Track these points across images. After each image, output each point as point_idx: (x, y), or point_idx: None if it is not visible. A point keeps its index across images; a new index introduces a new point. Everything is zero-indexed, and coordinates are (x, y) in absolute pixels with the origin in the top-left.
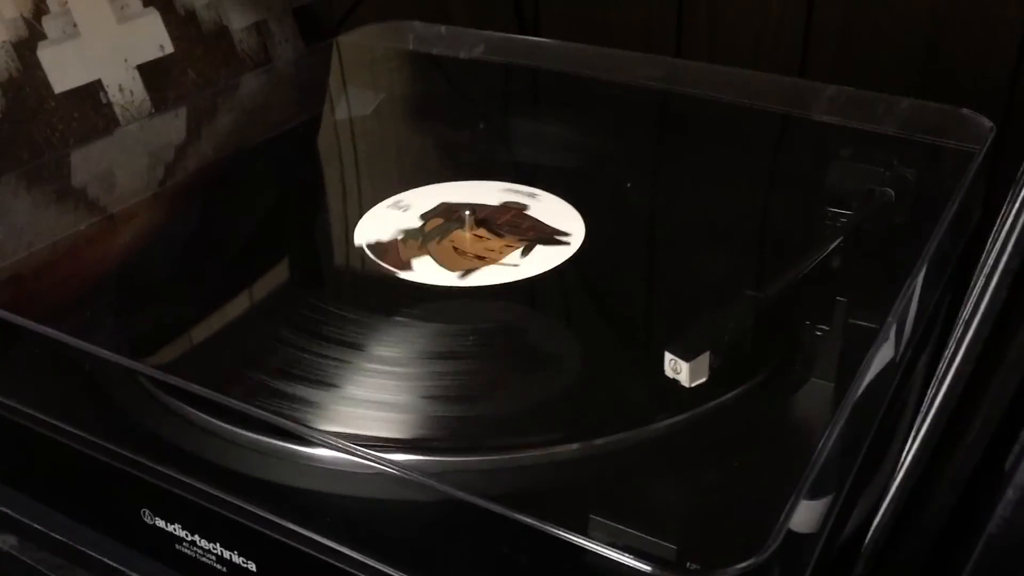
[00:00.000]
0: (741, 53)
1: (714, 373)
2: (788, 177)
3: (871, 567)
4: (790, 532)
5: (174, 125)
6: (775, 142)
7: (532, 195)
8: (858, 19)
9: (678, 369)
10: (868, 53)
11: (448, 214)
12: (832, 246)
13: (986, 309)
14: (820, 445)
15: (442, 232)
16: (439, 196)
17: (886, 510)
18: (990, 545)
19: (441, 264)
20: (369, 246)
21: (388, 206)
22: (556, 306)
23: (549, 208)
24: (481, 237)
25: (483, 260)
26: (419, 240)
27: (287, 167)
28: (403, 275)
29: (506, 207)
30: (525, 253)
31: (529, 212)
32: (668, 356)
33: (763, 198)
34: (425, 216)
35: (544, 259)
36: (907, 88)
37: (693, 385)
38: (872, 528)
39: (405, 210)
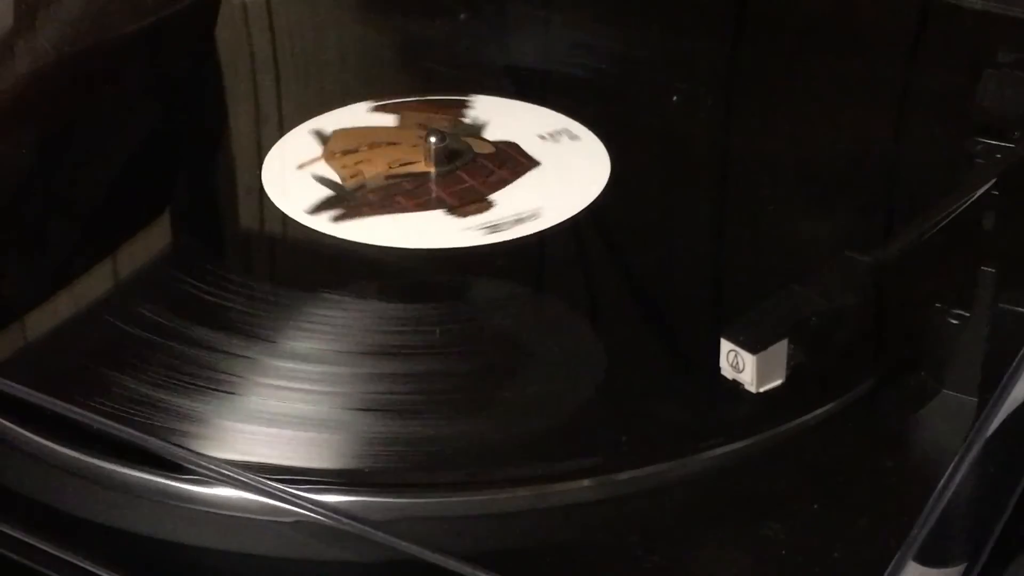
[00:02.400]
0: None
1: (794, 375)
2: (915, 92)
3: None
4: None
5: None
6: (898, 39)
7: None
8: None
9: (740, 365)
10: None
11: (402, 140)
12: (978, 193)
13: None
14: (940, 486)
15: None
16: (393, 120)
17: None
18: None
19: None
20: (282, 188)
21: (312, 130)
22: (558, 278)
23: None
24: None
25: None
26: (355, 169)
27: (167, 73)
28: (333, 230)
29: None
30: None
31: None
32: (726, 346)
33: (877, 123)
34: (369, 144)
35: (543, 214)
36: None
37: (763, 390)
38: None
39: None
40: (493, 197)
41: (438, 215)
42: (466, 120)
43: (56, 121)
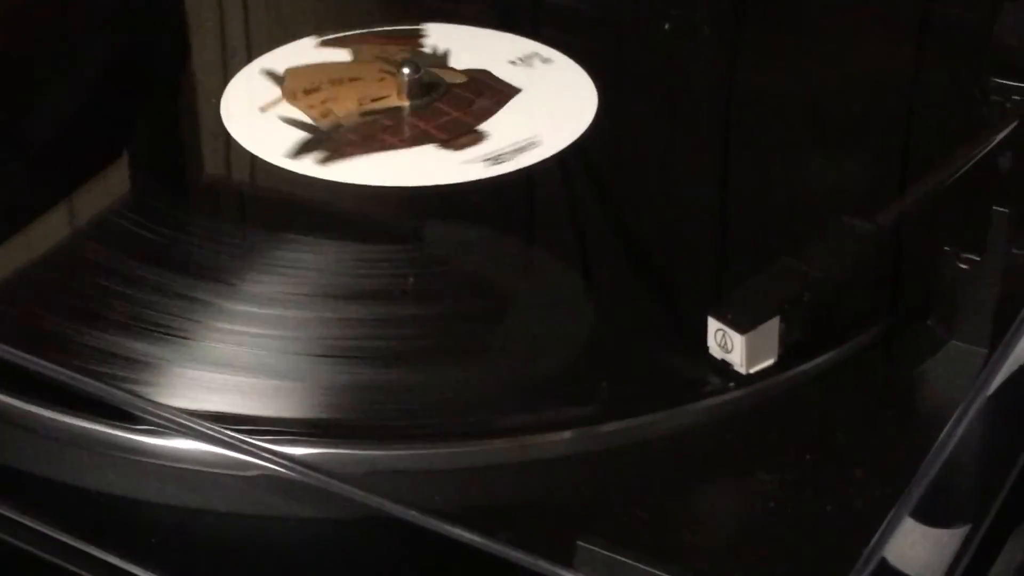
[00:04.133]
0: None
1: (795, 339)
2: (931, 27)
3: None
4: (892, 569)
5: None
6: None
7: (529, 58)
8: None
9: (729, 345)
10: None
11: (370, 70)
12: (997, 139)
13: None
14: (940, 439)
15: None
16: (368, 49)
17: None
18: None
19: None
20: (240, 120)
21: (261, 71)
22: (538, 226)
23: (546, 75)
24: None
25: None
26: (321, 101)
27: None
28: (293, 165)
29: (476, 78)
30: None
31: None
32: (713, 325)
33: (889, 60)
34: (333, 77)
35: (520, 155)
36: None
37: (754, 371)
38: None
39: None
40: (482, 128)
41: (430, 150)
42: (425, 50)
43: (6, 57)
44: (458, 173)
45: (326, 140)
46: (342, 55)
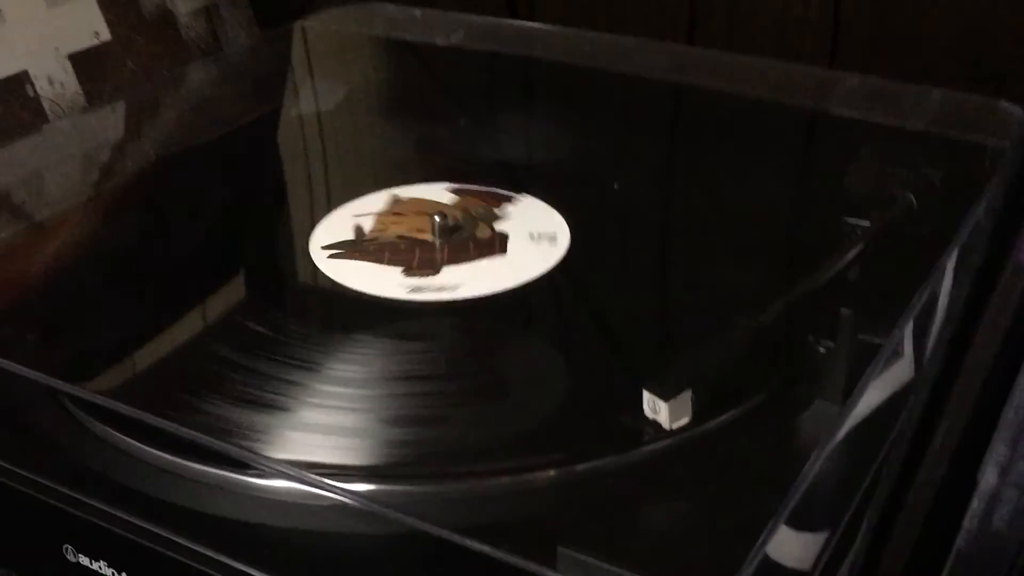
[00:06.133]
0: (762, 39)
1: (704, 402)
2: (803, 181)
3: None
4: (772, 563)
5: (110, 121)
6: (791, 141)
7: (513, 200)
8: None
9: (657, 409)
10: (906, 37)
11: (414, 214)
12: (843, 262)
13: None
14: (804, 470)
15: (403, 234)
16: (410, 200)
17: (865, 529)
18: (959, 560)
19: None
20: (327, 255)
21: (351, 210)
22: (530, 322)
23: (533, 213)
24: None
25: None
26: (378, 246)
27: (239, 169)
28: (358, 286)
29: (484, 215)
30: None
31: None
32: (646, 395)
33: (774, 205)
34: (389, 220)
35: (518, 271)
36: (950, 77)
37: (675, 427)
38: (856, 543)
39: (370, 215)
40: (445, 268)
41: (395, 271)
42: (497, 211)
43: (154, 205)
44: (390, 290)
45: (356, 245)
46: (450, 198)
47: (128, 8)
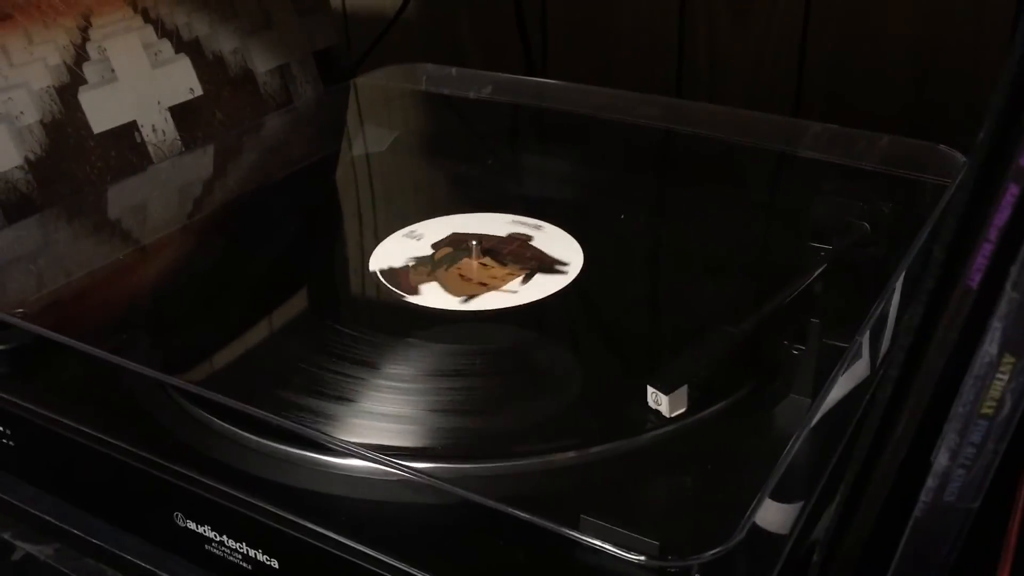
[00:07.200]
0: (738, 92)
1: (698, 395)
2: (775, 211)
3: (825, 554)
4: (759, 529)
5: (202, 162)
6: (764, 178)
7: (537, 227)
8: (848, 57)
9: (659, 401)
10: (860, 88)
11: (457, 243)
12: (810, 279)
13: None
14: (784, 452)
15: (450, 260)
16: (450, 227)
17: (838, 502)
18: (917, 527)
19: (447, 290)
20: (383, 272)
21: (402, 235)
22: (553, 330)
23: (552, 239)
24: (486, 265)
25: (486, 287)
26: (428, 267)
27: (307, 200)
28: (412, 299)
29: (511, 238)
30: (526, 281)
31: (533, 243)
32: (650, 389)
33: (751, 231)
34: (436, 245)
35: (543, 287)
36: (899, 123)
37: (673, 415)
38: (830, 519)
39: (418, 239)
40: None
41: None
42: (535, 244)
43: (239, 231)
44: (441, 303)
45: (419, 263)
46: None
47: (217, 69)
